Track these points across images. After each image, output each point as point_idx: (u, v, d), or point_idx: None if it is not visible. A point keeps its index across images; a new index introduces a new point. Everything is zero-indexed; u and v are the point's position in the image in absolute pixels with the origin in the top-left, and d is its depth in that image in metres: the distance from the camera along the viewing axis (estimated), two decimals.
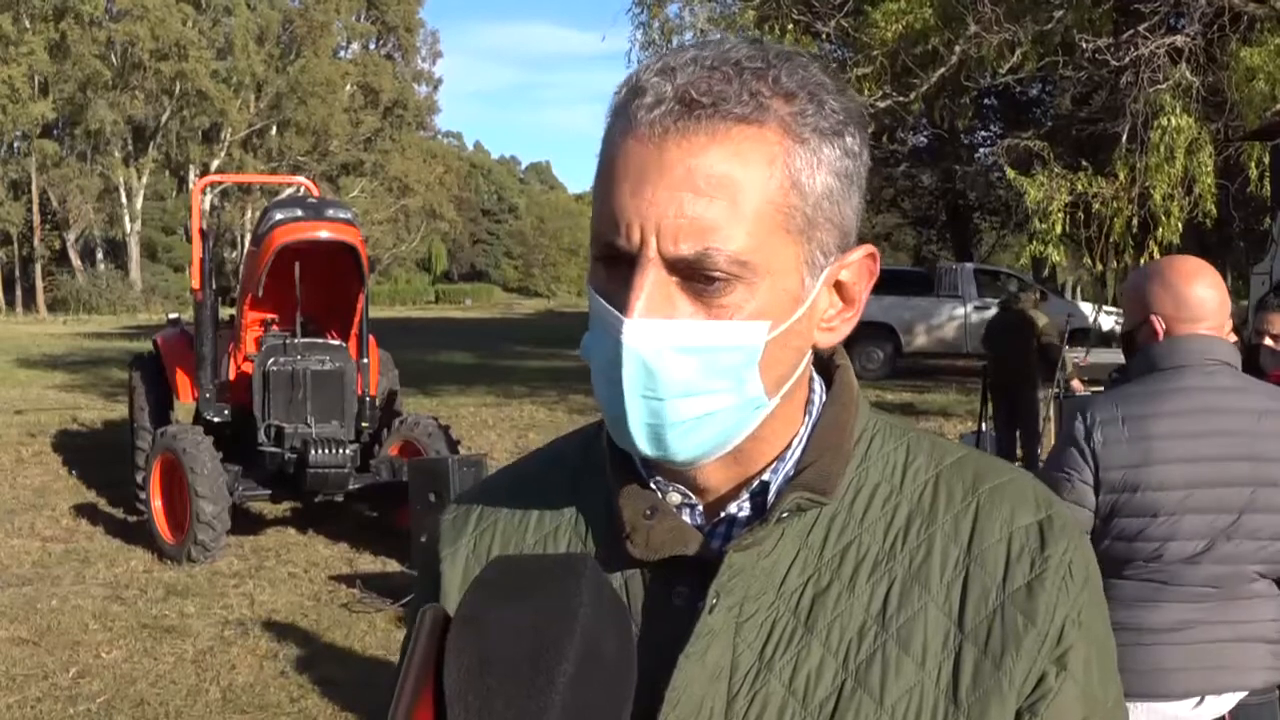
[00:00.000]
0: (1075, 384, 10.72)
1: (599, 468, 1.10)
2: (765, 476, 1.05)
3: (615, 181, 0.97)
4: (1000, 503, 1.05)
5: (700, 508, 1.07)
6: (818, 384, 1.10)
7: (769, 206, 0.96)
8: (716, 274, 0.95)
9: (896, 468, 1.08)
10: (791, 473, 1.05)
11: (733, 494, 1.06)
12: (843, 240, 1.02)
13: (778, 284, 0.98)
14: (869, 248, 1.05)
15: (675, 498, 1.06)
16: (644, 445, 0.99)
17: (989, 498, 1.05)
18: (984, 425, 12.50)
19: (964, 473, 1.07)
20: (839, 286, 1.04)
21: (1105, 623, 1.07)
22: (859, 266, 1.05)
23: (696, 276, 0.96)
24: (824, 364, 1.12)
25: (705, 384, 0.97)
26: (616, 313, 0.96)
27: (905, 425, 1.13)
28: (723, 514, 1.06)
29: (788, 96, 0.97)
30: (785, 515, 1.03)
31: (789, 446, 1.06)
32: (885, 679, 0.99)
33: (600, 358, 0.99)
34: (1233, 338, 2.90)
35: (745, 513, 1.06)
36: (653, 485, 1.07)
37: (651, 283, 0.95)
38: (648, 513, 1.05)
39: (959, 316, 21.82)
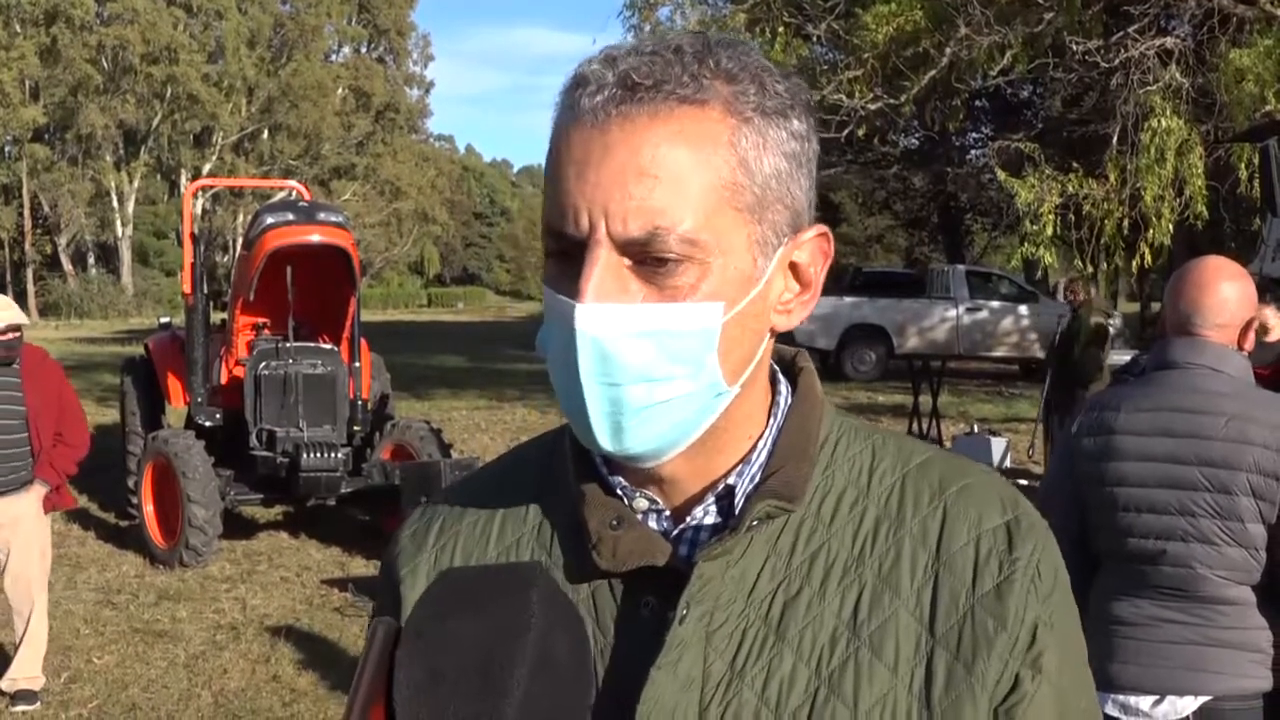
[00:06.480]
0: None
1: (561, 475, 1.08)
2: (730, 480, 1.03)
3: (561, 170, 0.96)
4: (967, 505, 1.03)
5: (667, 513, 1.04)
6: (784, 386, 1.08)
7: (716, 185, 0.95)
8: (668, 254, 0.94)
9: (862, 471, 1.06)
10: (758, 477, 1.03)
11: (698, 498, 1.04)
12: (794, 221, 1.00)
13: (730, 264, 0.96)
14: (821, 227, 1.03)
15: (642, 503, 1.04)
16: (603, 437, 0.97)
17: (956, 500, 1.04)
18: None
19: (930, 475, 1.06)
20: (794, 269, 1.03)
21: (1076, 623, 1.05)
22: (813, 247, 1.03)
23: (648, 259, 0.94)
24: (788, 367, 1.11)
25: (663, 369, 0.95)
26: (568, 299, 0.94)
27: (870, 427, 1.11)
28: (689, 520, 1.04)
29: (729, 78, 0.97)
30: (755, 524, 1.01)
31: (754, 449, 1.04)
32: (859, 685, 0.98)
33: (556, 348, 0.97)
34: (1249, 343, 2.87)
35: (711, 519, 1.04)
36: (619, 491, 1.04)
37: (603, 266, 0.94)
38: (614, 522, 1.02)
39: (951, 318, 21.84)
